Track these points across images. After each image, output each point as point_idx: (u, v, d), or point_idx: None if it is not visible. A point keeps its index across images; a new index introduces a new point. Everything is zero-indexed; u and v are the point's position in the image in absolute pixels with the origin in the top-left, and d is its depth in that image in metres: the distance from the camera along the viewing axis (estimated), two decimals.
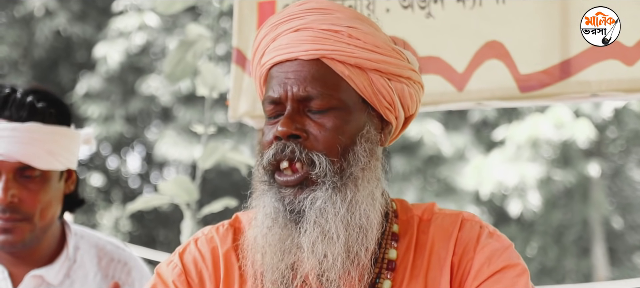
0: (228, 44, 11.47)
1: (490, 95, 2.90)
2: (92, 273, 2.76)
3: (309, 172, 1.90)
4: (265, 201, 1.94)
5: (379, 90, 1.96)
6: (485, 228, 2.00)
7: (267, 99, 1.96)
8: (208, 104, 3.93)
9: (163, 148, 13.85)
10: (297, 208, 1.90)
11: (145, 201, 3.92)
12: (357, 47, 1.94)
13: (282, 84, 1.93)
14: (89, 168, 15.75)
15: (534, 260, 14.54)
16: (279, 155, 1.91)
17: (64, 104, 2.72)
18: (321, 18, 1.95)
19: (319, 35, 1.94)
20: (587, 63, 2.75)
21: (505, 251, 1.97)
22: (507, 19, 2.86)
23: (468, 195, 13.43)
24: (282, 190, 1.92)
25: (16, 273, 2.69)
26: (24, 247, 2.64)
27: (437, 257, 1.97)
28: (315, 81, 1.93)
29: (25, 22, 14.56)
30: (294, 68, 1.93)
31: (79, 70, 14.85)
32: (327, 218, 1.89)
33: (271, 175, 1.93)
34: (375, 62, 1.95)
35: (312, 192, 1.90)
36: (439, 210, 2.04)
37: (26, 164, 2.59)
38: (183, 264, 2.04)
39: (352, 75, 1.94)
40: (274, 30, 1.98)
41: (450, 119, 13.56)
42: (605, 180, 14.55)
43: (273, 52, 1.96)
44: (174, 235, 14.85)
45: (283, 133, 1.90)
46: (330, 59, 1.93)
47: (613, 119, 13.72)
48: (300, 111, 1.93)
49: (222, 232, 2.07)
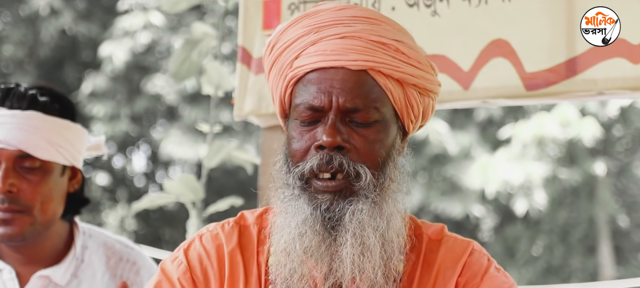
0: (233, 43, 11.45)
1: (496, 93, 2.89)
2: (100, 273, 2.75)
3: (352, 183, 1.87)
4: (297, 206, 1.90)
5: (411, 103, 1.95)
6: (493, 263, 2.02)
7: (304, 104, 1.91)
8: (213, 103, 3.93)
9: (168, 147, 13.85)
10: (336, 216, 1.87)
11: (151, 200, 3.93)
12: (402, 62, 1.91)
13: (327, 92, 1.88)
14: (94, 167, 15.76)
15: (540, 258, 14.52)
16: (323, 166, 1.87)
17: (68, 100, 2.70)
18: (369, 28, 1.91)
19: (367, 46, 1.90)
20: (593, 61, 2.75)
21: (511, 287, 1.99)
22: (513, 17, 2.85)
23: (474, 194, 13.42)
24: (319, 195, 1.88)
25: (23, 273, 2.67)
26: (24, 241, 2.62)
27: (443, 275, 1.98)
28: (362, 93, 1.89)
29: (31, 21, 14.57)
30: (340, 77, 1.88)
31: (85, 69, 14.86)
32: (367, 232, 1.87)
33: (307, 181, 1.90)
34: (416, 78, 1.93)
35: (353, 203, 1.87)
36: (449, 234, 2.04)
37: (25, 152, 2.57)
38: (188, 261, 2.02)
39: (392, 89, 1.91)
40: (314, 33, 1.93)
41: (456, 117, 13.55)
42: (611, 178, 14.52)
43: (315, 57, 1.90)
44: (179, 234, 14.86)
45: (330, 144, 1.86)
46: (377, 71, 1.90)
47: (619, 118, 13.69)
48: (343, 122, 1.89)
49: (228, 229, 2.04)
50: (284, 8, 3.11)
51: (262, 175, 3.21)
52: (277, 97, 2.00)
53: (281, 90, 1.98)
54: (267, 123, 3.20)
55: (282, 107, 2.00)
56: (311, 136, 1.91)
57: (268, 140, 3.22)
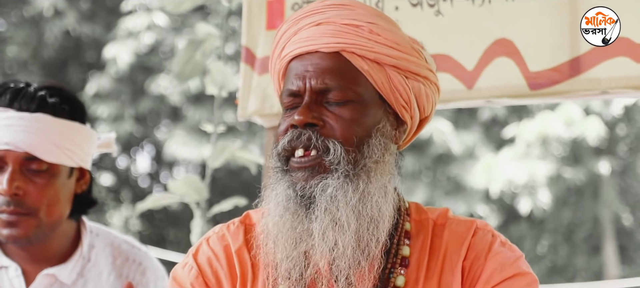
0: (237, 43, 11.48)
1: (499, 93, 2.89)
2: (106, 273, 2.74)
3: (323, 158, 1.91)
4: (277, 189, 1.95)
5: (396, 87, 1.98)
6: (498, 237, 2.03)
7: (285, 91, 1.98)
8: (217, 103, 3.93)
9: (172, 147, 13.86)
10: (308, 194, 1.91)
11: (155, 200, 3.93)
12: (377, 43, 1.96)
13: (301, 76, 1.96)
14: (98, 168, 15.77)
15: (545, 258, 14.51)
16: (294, 141, 1.93)
17: (79, 101, 2.69)
18: (342, 13, 1.98)
19: (339, 29, 1.96)
20: (597, 60, 2.75)
21: (516, 260, 2.00)
22: (517, 17, 2.85)
23: (478, 193, 13.42)
24: (294, 174, 1.93)
25: (29, 270, 2.67)
26: (29, 243, 2.62)
27: (449, 260, 1.99)
28: (334, 74, 1.95)
29: (35, 22, 14.59)
30: (314, 61, 1.96)
31: (88, 70, 14.88)
32: (338, 207, 1.90)
33: (285, 162, 1.95)
34: (394, 58, 1.97)
35: (324, 179, 1.91)
36: (452, 216, 2.05)
37: (31, 155, 2.56)
38: (198, 265, 2.04)
39: (370, 70, 1.96)
40: (295, 25, 2.00)
41: (460, 117, 13.55)
42: (615, 177, 14.51)
43: (293, 45, 1.98)
44: (183, 235, 14.87)
45: (300, 121, 1.92)
46: (350, 52, 1.95)
47: (623, 117, 13.69)
48: (318, 102, 1.95)
49: (233, 229, 2.07)
50: (288, 8, 3.11)
51: (266, 175, 3.21)
52: (277, 93, 2.06)
53: (276, 85, 2.07)
54: (271, 123, 3.20)
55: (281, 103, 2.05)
56: (290, 119, 1.97)
57: (272, 140, 3.22)
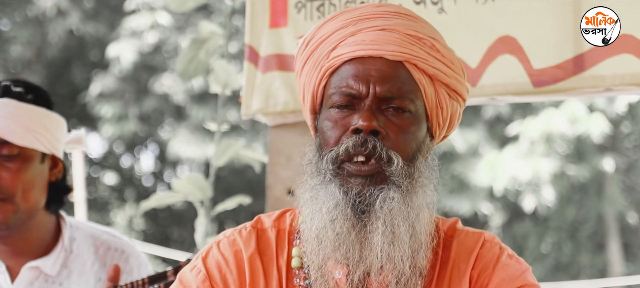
0: (240, 42, 11.47)
1: (503, 90, 2.89)
2: (90, 262, 2.77)
3: (384, 168, 1.88)
4: (329, 190, 1.90)
5: (441, 104, 1.98)
6: (505, 250, 2.02)
7: (341, 91, 1.93)
8: (221, 102, 3.93)
9: (176, 146, 13.87)
10: (366, 201, 1.88)
11: (159, 199, 3.93)
12: (436, 59, 1.95)
13: (364, 79, 1.91)
14: (102, 167, 15.79)
15: (549, 255, 14.50)
16: (358, 148, 1.88)
17: (43, 91, 2.73)
18: (406, 23, 1.96)
19: (404, 39, 1.94)
20: (601, 57, 2.74)
21: (524, 272, 1.99)
22: (520, 14, 2.85)
23: (482, 191, 13.41)
24: (351, 179, 1.89)
25: (13, 266, 2.71)
26: (8, 229, 2.65)
27: (457, 270, 1.99)
28: (398, 83, 1.92)
29: (38, 21, 14.60)
30: (378, 66, 1.92)
31: (92, 69, 14.89)
32: (397, 221, 1.88)
33: (339, 165, 1.91)
34: (448, 77, 1.96)
35: (384, 190, 1.88)
36: (461, 228, 2.05)
37: (2, 139, 2.59)
38: (207, 269, 2.00)
39: (425, 85, 1.94)
40: (352, 25, 1.96)
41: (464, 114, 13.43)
42: (619, 175, 14.49)
43: (353, 46, 1.94)
44: (187, 233, 14.88)
45: (366, 127, 1.88)
46: (412, 64, 1.93)
47: (627, 114, 13.67)
48: (379, 109, 1.91)
49: (245, 234, 2.03)
50: (291, 6, 3.11)
51: (270, 173, 3.22)
52: (309, 91, 2.01)
53: (315, 83, 1.99)
54: (275, 121, 3.20)
55: (313, 102, 2.01)
56: (346, 122, 1.92)
57: (276, 139, 3.22)
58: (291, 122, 3.17)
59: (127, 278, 2.75)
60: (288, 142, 3.18)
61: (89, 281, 2.75)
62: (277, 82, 3.13)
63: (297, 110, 3.08)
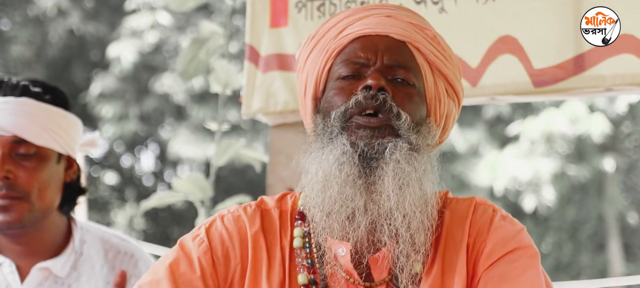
0: (241, 42, 11.48)
1: (504, 90, 2.89)
2: (99, 266, 2.77)
3: (393, 123, 1.91)
4: (337, 141, 1.92)
5: (439, 96, 2.02)
6: (498, 211, 2.04)
7: (347, 62, 1.98)
8: (221, 101, 3.93)
9: (177, 146, 13.87)
10: (375, 150, 1.90)
11: (160, 198, 3.93)
12: (437, 50, 2.02)
13: (373, 49, 1.97)
14: (103, 166, 15.79)
15: (549, 255, 14.50)
16: (368, 100, 1.92)
17: (61, 91, 2.75)
18: (410, 14, 2.05)
19: (408, 26, 2.01)
20: (601, 57, 2.74)
21: (518, 233, 2.00)
22: (521, 14, 2.85)
23: (482, 191, 13.40)
24: (359, 131, 1.92)
25: (23, 266, 2.70)
26: (22, 228, 2.65)
27: (452, 240, 1.99)
28: (403, 57, 1.98)
29: (39, 21, 14.59)
30: (385, 41, 1.98)
31: (93, 69, 14.88)
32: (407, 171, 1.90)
33: (347, 120, 1.93)
34: (448, 69, 2.02)
35: (392, 141, 1.90)
36: (451, 197, 2.06)
37: (20, 138, 2.60)
38: (210, 240, 2.01)
39: (427, 71, 2.00)
40: (361, 13, 2.03)
41: (464, 114, 13.53)
42: (620, 175, 14.48)
43: (360, 27, 2.00)
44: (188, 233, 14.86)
45: (376, 84, 1.93)
46: (415, 47, 1.99)
47: (628, 114, 13.66)
48: (387, 77, 1.96)
49: (250, 212, 2.04)
50: (291, 6, 3.12)
51: (271, 173, 3.22)
52: (312, 78, 2.03)
53: (320, 66, 2.02)
54: (275, 121, 3.21)
55: (316, 88, 2.03)
56: (353, 87, 1.95)
57: (276, 138, 3.23)
58: (291, 122, 3.17)
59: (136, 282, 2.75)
60: (288, 141, 3.19)
61: (98, 284, 2.75)
62: (278, 82, 3.13)
63: (297, 110, 3.08)
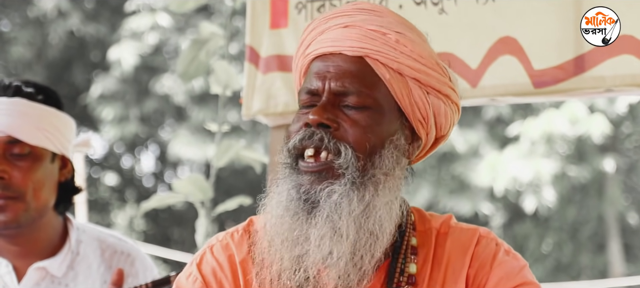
0: (241, 43, 11.48)
1: (504, 91, 2.89)
2: (96, 265, 2.79)
3: (333, 162, 1.89)
4: (281, 187, 1.93)
5: (416, 101, 1.96)
6: (502, 245, 2.01)
7: (304, 89, 1.97)
8: (221, 103, 3.93)
9: (177, 147, 13.87)
10: (312, 198, 1.89)
11: (160, 199, 3.93)
12: (402, 53, 1.95)
13: (322, 76, 1.95)
14: (103, 167, 15.79)
15: (549, 256, 14.50)
16: (306, 141, 1.91)
17: (53, 91, 2.76)
18: (370, 18, 1.98)
19: (365, 34, 1.96)
20: (601, 58, 2.74)
21: (522, 269, 1.98)
22: (521, 15, 2.85)
23: (482, 192, 13.40)
24: (301, 176, 1.91)
25: (20, 266, 2.72)
26: (19, 228, 2.66)
27: (452, 269, 1.97)
28: (355, 78, 1.94)
29: (39, 22, 14.60)
30: (336, 62, 1.95)
31: (93, 70, 14.89)
32: (340, 215, 1.87)
33: (294, 160, 1.93)
34: (417, 72, 1.96)
35: (331, 185, 1.88)
36: (455, 224, 2.03)
37: (14, 138, 2.62)
38: (203, 276, 2.01)
39: (392, 80, 1.94)
40: (322, 24, 2.00)
41: (464, 115, 13.49)
42: (620, 175, 14.48)
43: (318, 44, 1.98)
44: (188, 234, 14.88)
45: (314, 121, 1.91)
46: (373, 59, 1.94)
47: (628, 114, 13.66)
48: (335, 104, 1.93)
49: (237, 238, 2.04)
50: (291, 7, 3.11)
51: (271, 174, 3.22)
52: (296, 91, 2.05)
53: (297, 81, 2.05)
54: (275, 122, 3.20)
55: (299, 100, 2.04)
56: (305, 119, 1.95)
57: (276, 139, 3.22)
58: None
59: (133, 281, 2.77)
60: None
61: (95, 283, 2.76)
62: (278, 83, 3.13)
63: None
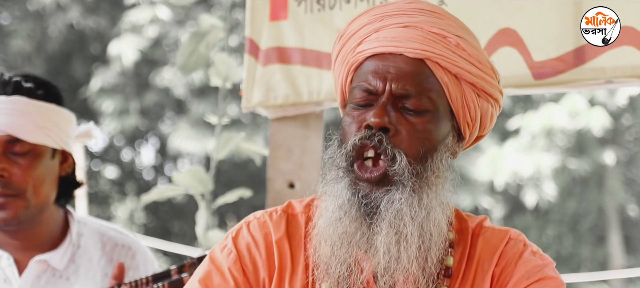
0: (241, 35, 11.47)
1: (504, 82, 2.86)
2: (97, 258, 2.80)
3: (388, 169, 1.89)
4: (338, 189, 1.93)
5: (468, 103, 1.98)
6: (529, 246, 2.05)
7: (360, 86, 1.96)
8: (221, 95, 3.93)
9: (177, 140, 13.87)
10: (372, 203, 1.90)
11: (160, 192, 3.93)
12: (462, 58, 1.96)
13: (382, 76, 1.94)
14: (103, 160, 15.79)
15: (550, 248, 14.51)
16: (365, 140, 1.91)
17: (53, 86, 2.75)
18: (431, 20, 1.97)
19: (427, 36, 1.95)
20: (601, 49, 2.74)
21: (545, 266, 2.02)
22: (521, 6, 2.84)
23: (483, 186, 13.41)
24: (359, 183, 1.91)
25: (21, 259, 2.73)
26: (19, 224, 2.68)
27: (482, 268, 2.01)
28: (415, 80, 1.93)
29: (39, 15, 14.59)
30: (397, 63, 1.94)
31: (93, 63, 14.88)
32: (404, 221, 1.89)
33: (351, 163, 1.93)
34: (474, 76, 1.97)
35: (389, 192, 1.90)
36: (488, 225, 2.06)
37: (14, 137, 2.62)
38: (238, 250, 2.01)
39: (449, 83, 1.96)
40: (378, 21, 1.98)
41: None
42: (620, 168, 14.49)
43: (375, 42, 1.96)
44: (188, 227, 14.89)
45: (376, 124, 1.91)
46: (434, 62, 1.94)
47: (628, 107, 13.67)
48: (394, 106, 1.93)
49: (276, 218, 2.04)
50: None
51: (271, 166, 3.22)
52: (338, 85, 2.04)
53: (343, 77, 2.03)
54: (275, 114, 3.20)
55: (343, 96, 2.04)
56: (362, 119, 1.94)
57: (276, 132, 3.22)
58: (292, 115, 3.17)
59: (134, 274, 2.78)
60: (288, 135, 3.18)
61: (96, 276, 2.77)
62: (278, 75, 3.13)
63: (297, 103, 3.09)
